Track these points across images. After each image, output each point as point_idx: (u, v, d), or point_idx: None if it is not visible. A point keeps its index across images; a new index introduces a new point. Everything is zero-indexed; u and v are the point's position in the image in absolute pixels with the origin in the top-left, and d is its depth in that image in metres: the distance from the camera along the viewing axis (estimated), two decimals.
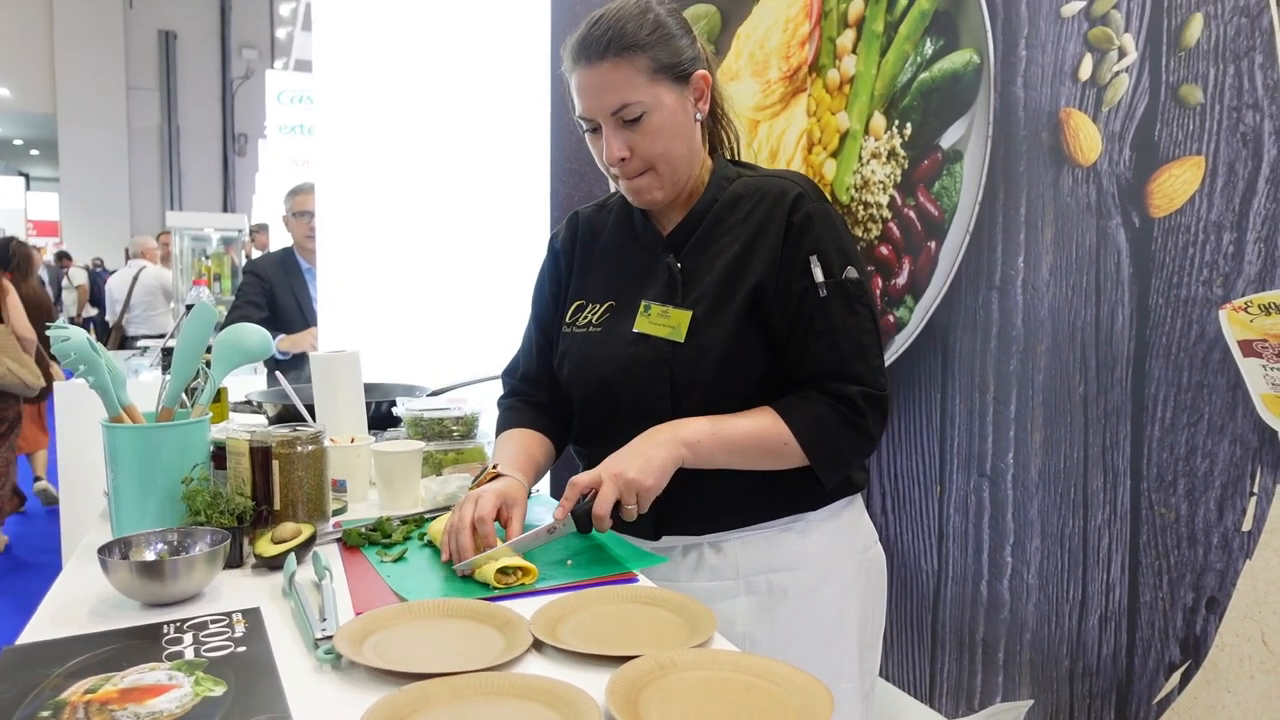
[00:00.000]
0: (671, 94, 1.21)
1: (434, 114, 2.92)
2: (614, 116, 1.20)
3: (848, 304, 1.19)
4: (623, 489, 1.12)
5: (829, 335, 1.19)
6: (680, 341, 1.22)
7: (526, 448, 1.33)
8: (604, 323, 1.30)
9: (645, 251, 1.32)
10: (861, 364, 1.19)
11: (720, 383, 1.21)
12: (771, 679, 0.81)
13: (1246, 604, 1.05)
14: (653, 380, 1.23)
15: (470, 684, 0.80)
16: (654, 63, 1.19)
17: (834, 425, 1.19)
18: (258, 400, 1.90)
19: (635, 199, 1.28)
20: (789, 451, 1.19)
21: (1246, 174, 1.02)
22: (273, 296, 3.05)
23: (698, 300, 1.23)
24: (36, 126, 17.87)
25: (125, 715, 0.76)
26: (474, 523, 1.13)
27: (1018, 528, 1.34)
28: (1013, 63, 1.31)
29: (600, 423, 1.31)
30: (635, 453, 1.15)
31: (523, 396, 1.42)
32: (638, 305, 1.27)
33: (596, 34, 1.19)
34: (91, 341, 1.20)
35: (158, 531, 1.11)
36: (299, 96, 7.62)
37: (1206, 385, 1.08)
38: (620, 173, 1.24)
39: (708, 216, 1.27)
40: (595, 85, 1.20)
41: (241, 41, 18.23)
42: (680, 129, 1.23)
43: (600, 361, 1.28)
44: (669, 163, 1.23)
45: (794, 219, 1.20)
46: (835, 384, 1.19)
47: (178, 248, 6.35)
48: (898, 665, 1.58)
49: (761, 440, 1.19)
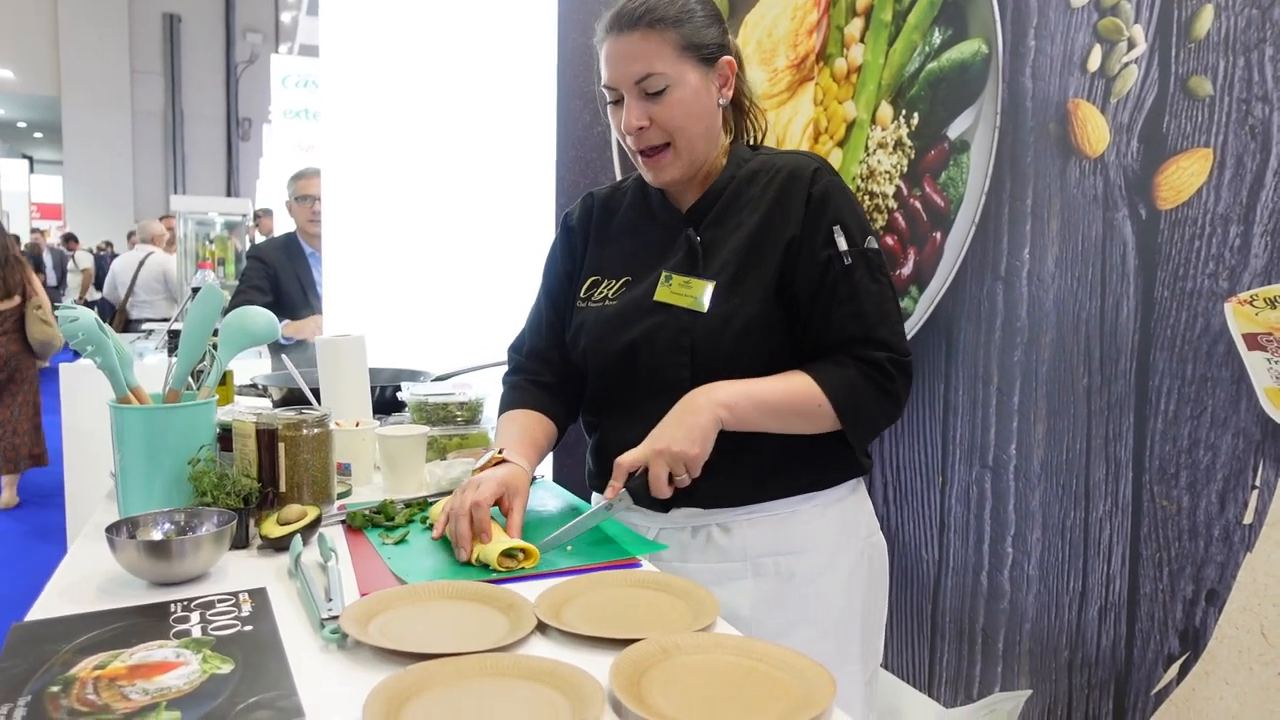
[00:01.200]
0: (696, 74, 1.24)
1: (440, 100, 2.92)
2: (637, 86, 1.23)
3: (870, 272, 1.22)
4: (671, 462, 1.14)
5: (853, 302, 1.21)
6: (702, 311, 1.22)
7: (530, 432, 1.33)
8: (620, 296, 1.31)
9: (662, 227, 1.33)
10: (886, 329, 1.22)
11: (740, 355, 1.22)
12: (774, 663, 0.82)
13: (1246, 597, 1.05)
14: (673, 350, 1.24)
15: (475, 665, 0.81)
16: (683, 40, 1.22)
17: (865, 389, 1.20)
18: (263, 383, 1.91)
19: (653, 177, 1.29)
20: (822, 414, 1.20)
21: (1255, 167, 1.02)
22: (276, 281, 3.05)
23: (720, 270, 1.24)
24: (41, 109, 17.85)
25: (134, 691, 0.77)
26: (470, 508, 1.13)
27: (1019, 519, 1.34)
28: (1021, 53, 1.31)
29: (616, 394, 1.32)
30: (675, 424, 1.16)
31: (528, 375, 1.43)
32: (656, 278, 1.27)
33: (631, 7, 1.22)
34: (99, 322, 1.21)
35: (165, 512, 1.12)
36: (304, 81, 7.60)
37: (1210, 378, 1.08)
38: (636, 144, 1.26)
39: (726, 192, 1.29)
40: (623, 54, 1.22)
41: (246, 25, 18.18)
42: (701, 109, 1.25)
43: (620, 331, 1.28)
44: (686, 139, 1.25)
45: (814, 190, 1.23)
46: (862, 349, 1.21)
47: (182, 231, 6.35)
48: (898, 654, 1.59)
49: (795, 402, 1.20)
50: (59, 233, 13.98)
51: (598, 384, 1.35)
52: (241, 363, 1.48)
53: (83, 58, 16.62)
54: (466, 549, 1.12)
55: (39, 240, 12.37)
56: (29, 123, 19.59)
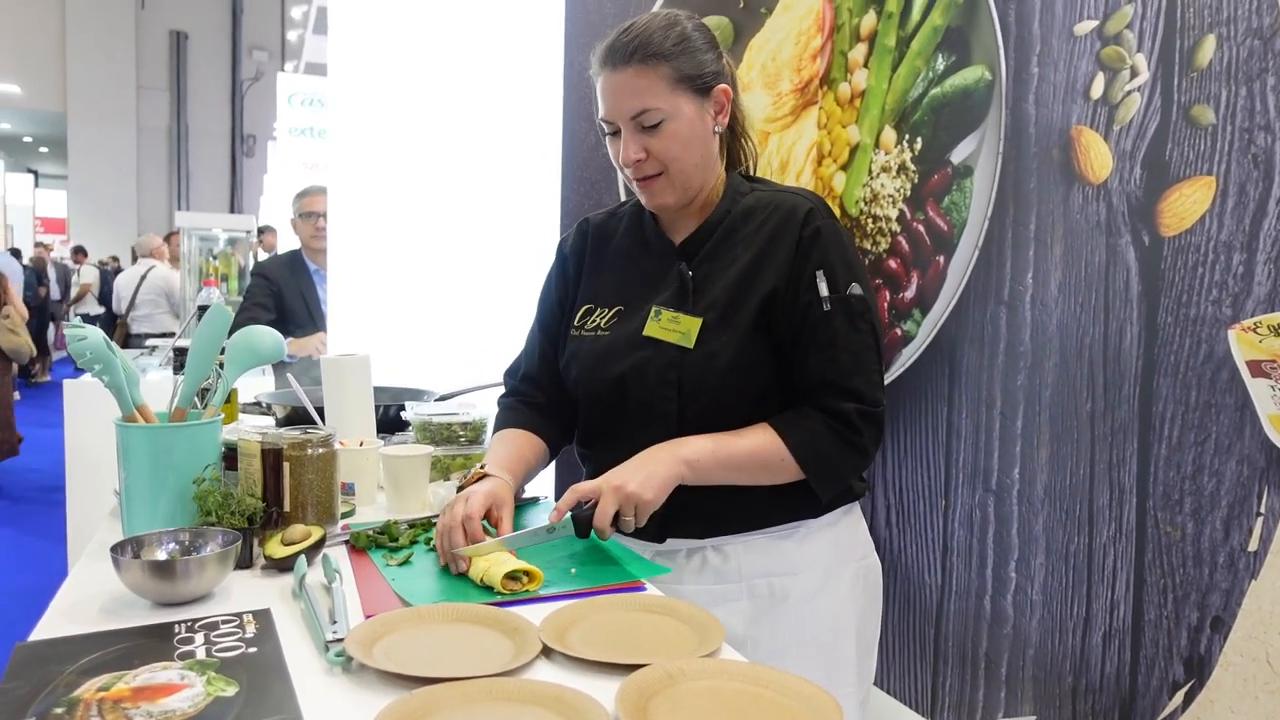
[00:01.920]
0: (691, 104, 1.25)
1: (447, 120, 2.93)
2: (633, 120, 1.24)
3: (850, 319, 1.23)
4: (622, 501, 1.16)
5: (830, 349, 1.23)
6: (689, 347, 1.24)
7: (518, 449, 1.36)
8: (612, 326, 1.33)
9: (656, 258, 1.35)
10: (860, 379, 1.23)
11: (726, 390, 1.24)
12: (780, 690, 0.82)
13: (1251, 624, 1.05)
14: (661, 384, 1.26)
15: (481, 689, 0.80)
16: (676, 73, 1.23)
17: (829, 441, 1.22)
18: (267, 401, 1.91)
19: (647, 200, 1.32)
20: (786, 467, 1.23)
21: (1257, 195, 1.03)
22: (281, 299, 3.06)
23: (708, 308, 1.26)
24: (46, 124, 17.93)
25: (139, 714, 0.76)
26: (463, 521, 1.16)
27: (1022, 543, 1.34)
28: (1024, 80, 1.32)
29: (605, 426, 1.34)
30: (637, 468, 1.19)
31: (521, 397, 1.45)
32: (647, 310, 1.29)
33: (624, 41, 1.24)
34: (108, 341, 1.21)
35: (169, 531, 1.12)
36: (310, 99, 7.64)
37: (1214, 405, 1.08)
38: (634, 174, 1.28)
39: (721, 227, 1.31)
40: (618, 89, 1.24)
41: (252, 43, 18.30)
42: (697, 139, 1.27)
43: (609, 364, 1.30)
44: (681, 170, 1.27)
45: (804, 234, 1.24)
46: (833, 399, 1.22)
47: (186, 247, 6.38)
48: (900, 679, 1.58)
49: (759, 457, 1.23)
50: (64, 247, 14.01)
51: (589, 414, 1.37)
52: (245, 380, 1.48)
53: (89, 73, 16.72)
54: (465, 560, 1.13)
55: (43, 254, 12.41)
56: (35, 137, 19.68)
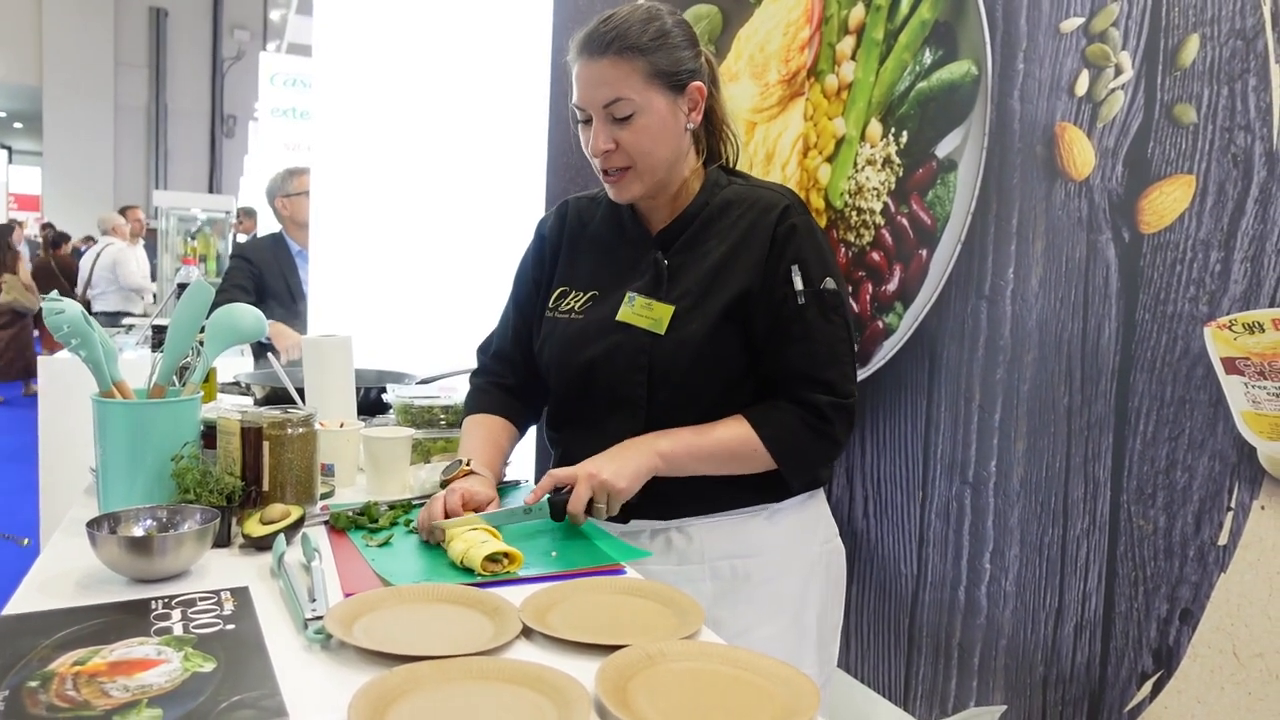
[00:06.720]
0: (664, 100, 1.27)
1: (432, 103, 2.92)
2: (605, 110, 1.26)
3: (824, 313, 1.26)
4: (596, 489, 1.19)
5: (804, 341, 1.26)
6: (660, 334, 1.27)
7: (495, 439, 1.39)
8: (586, 310, 1.35)
9: (633, 246, 1.37)
10: (833, 371, 1.26)
11: (695, 376, 1.28)
12: (759, 673, 0.82)
13: (1219, 616, 1.07)
14: (631, 369, 1.28)
15: (460, 667, 0.81)
16: (651, 67, 1.25)
17: (802, 433, 1.26)
18: (246, 381, 1.90)
19: (614, 195, 1.33)
20: (758, 457, 1.26)
21: (1236, 194, 1.05)
22: (262, 280, 3.02)
23: (681, 296, 1.29)
24: (21, 99, 17.62)
25: (115, 688, 0.76)
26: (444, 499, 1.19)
27: (998, 535, 1.36)
28: (1010, 75, 1.33)
29: (575, 410, 1.37)
30: (613, 456, 1.22)
31: (492, 377, 1.48)
32: (621, 296, 1.32)
33: (602, 31, 1.25)
34: (85, 315, 1.20)
35: (146, 508, 1.11)
36: (292, 80, 7.55)
37: (1189, 400, 1.10)
38: (602, 164, 1.30)
39: (698, 219, 1.33)
40: (592, 78, 1.26)
41: (233, 22, 18.05)
42: (667, 134, 1.28)
43: (581, 347, 1.33)
44: (650, 165, 1.28)
45: (780, 230, 1.27)
46: (806, 390, 1.26)
47: (164, 226, 6.31)
48: (873, 667, 1.60)
49: (733, 450, 1.26)
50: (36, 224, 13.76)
51: (559, 397, 1.40)
52: (224, 360, 1.47)
53: (67, 48, 16.42)
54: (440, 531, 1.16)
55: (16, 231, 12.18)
56: (9, 112, 19.33)
